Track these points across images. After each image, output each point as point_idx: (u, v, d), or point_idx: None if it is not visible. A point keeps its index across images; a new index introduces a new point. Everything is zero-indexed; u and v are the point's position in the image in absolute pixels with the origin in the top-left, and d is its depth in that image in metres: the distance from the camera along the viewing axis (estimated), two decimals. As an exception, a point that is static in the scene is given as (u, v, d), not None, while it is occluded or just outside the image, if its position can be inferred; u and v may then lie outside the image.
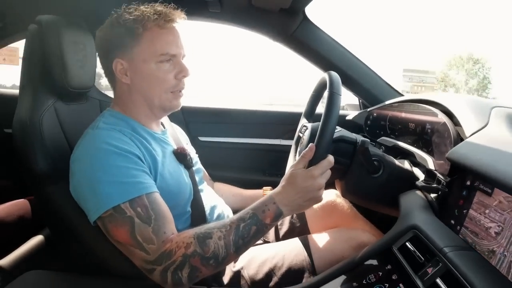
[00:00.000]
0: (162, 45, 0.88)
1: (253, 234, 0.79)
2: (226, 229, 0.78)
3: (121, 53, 0.89)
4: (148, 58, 0.88)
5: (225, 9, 1.35)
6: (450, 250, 0.66)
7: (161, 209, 0.80)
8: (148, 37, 0.88)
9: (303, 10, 1.35)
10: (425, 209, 0.82)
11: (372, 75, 1.48)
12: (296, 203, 0.81)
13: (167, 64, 0.90)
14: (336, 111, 0.82)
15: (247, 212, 0.80)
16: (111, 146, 0.81)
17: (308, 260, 0.96)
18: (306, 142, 0.98)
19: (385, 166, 0.96)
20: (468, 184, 0.73)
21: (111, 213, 0.76)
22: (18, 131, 0.91)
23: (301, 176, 0.81)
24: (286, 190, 0.82)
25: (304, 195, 0.81)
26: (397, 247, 0.76)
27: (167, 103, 0.93)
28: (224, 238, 0.77)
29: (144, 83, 0.90)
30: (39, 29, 0.97)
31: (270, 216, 0.80)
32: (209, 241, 0.76)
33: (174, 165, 0.97)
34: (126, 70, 0.90)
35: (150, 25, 0.87)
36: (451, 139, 0.84)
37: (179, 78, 0.92)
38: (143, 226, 0.76)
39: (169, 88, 0.91)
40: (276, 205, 0.80)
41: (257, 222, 0.79)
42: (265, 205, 0.81)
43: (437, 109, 0.99)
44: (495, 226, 0.64)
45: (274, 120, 1.75)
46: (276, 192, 0.83)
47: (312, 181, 0.80)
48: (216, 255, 0.76)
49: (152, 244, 0.75)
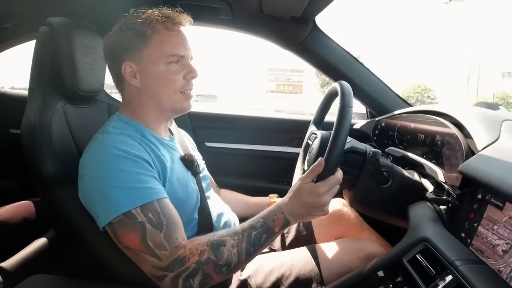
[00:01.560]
0: (171, 46, 0.90)
1: (263, 242, 0.81)
2: (239, 237, 0.79)
3: (130, 56, 0.90)
4: (158, 59, 0.89)
5: (236, 16, 1.36)
6: (462, 264, 0.65)
7: (172, 215, 0.80)
8: (157, 39, 0.89)
9: (313, 19, 1.36)
10: (435, 222, 0.82)
11: (380, 85, 1.48)
12: (301, 215, 0.84)
13: (176, 65, 0.91)
14: (347, 124, 0.82)
15: (257, 221, 0.82)
16: (121, 151, 0.81)
17: (316, 270, 0.96)
18: (316, 151, 0.97)
19: (394, 177, 0.96)
20: (479, 197, 0.72)
21: (121, 218, 0.76)
22: (27, 133, 0.91)
23: (307, 192, 0.82)
24: (292, 202, 0.83)
25: (309, 209, 0.83)
26: (407, 259, 0.75)
27: (177, 104, 0.93)
28: (237, 246, 0.78)
29: (154, 85, 0.91)
30: (50, 31, 0.97)
31: (279, 225, 0.82)
32: (223, 249, 0.76)
33: (181, 171, 0.96)
34: (135, 72, 0.90)
35: (158, 28, 0.89)
36: (463, 152, 0.83)
37: (187, 79, 0.93)
38: (155, 232, 0.75)
39: (178, 88, 0.92)
40: (284, 215, 0.83)
41: (267, 231, 0.81)
42: (274, 214, 0.83)
43: (447, 121, 0.98)
44: (503, 244, 0.64)
45: (281, 127, 1.75)
46: (284, 202, 0.84)
47: (317, 198, 0.81)
48: (229, 263, 0.76)
49: (164, 250, 0.75)
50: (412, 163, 1.11)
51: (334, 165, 0.82)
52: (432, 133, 1.02)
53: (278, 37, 1.44)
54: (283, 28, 1.37)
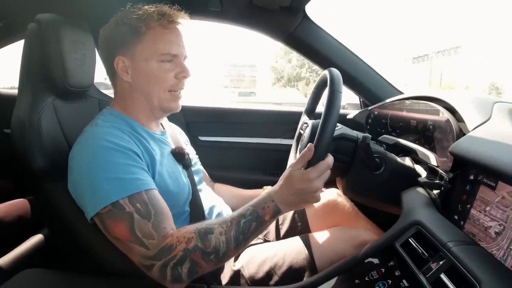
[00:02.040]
0: (164, 44, 0.89)
1: (253, 230, 0.80)
2: (227, 225, 0.78)
3: (123, 51, 0.90)
4: (150, 56, 0.88)
5: (225, 8, 1.34)
6: (454, 245, 0.65)
7: (160, 205, 0.80)
8: (150, 36, 0.88)
9: (303, 9, 1.35)
10: (428, 205, 0.81)
11: (373, 74, 1.48)
12: (292, 202, 0.82)
13: (168, 64, 0.90)
14: (337, 109, 0.81)
15: (247, 209, 0.81)
16: (110, 143, 0.80)
17: (309, 258, 0.95)
18: (307, 140, 0.97)
19: (387, 163, 0.95)
20: (472, 178, 0.72)
21: (109, 209, 0.75)
22: (17, 129, 0.91)
23: (297, 178, 0.80)
24: (283, 189, 0.82)
25: (300, 196, 0.81)
26: (399, 244, 0.75)
27: (165, 103, 0.93)
28: (225, 233, 0.77)
29: (144, 82, 0.90)
30: (39, 28, 0.96)
31: (269, 213, 0.81)
32: (211, 236, 0.76)
33: (172, 165, 0.96)
34: (127, 68, 0.90)
35: (153, 25, 0.88)
36: (454, 135, 0.83)
37: (179, 78, 0.92)
38: (142, 222, 0.75)
39: (167, 87, 0.91)
40: (274, 203, 0.81)
41: (257, 218, 0.80)
42: (264, 202, 0.81)
43: (439, 106, 0.98)
44: (496, 226, 0.64)
45: (274, 119, 1.74)
46: (274, 190, 0.83)
47: (308, 184, 0.79)
48: (217, 250, 0.75)
49: (152, 239, 0.75)
50: (405, 150, 1.11)
51: (324, 150, 0.81)
52: (424, 119, 1.01)
53: (268, 28, 1.43)
54: (273, 19, 1.36)
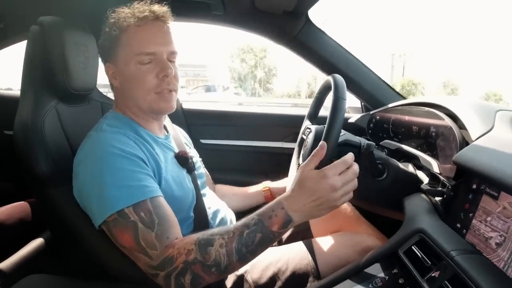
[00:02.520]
0: (138, 43, 0.85)
1: (258, 242, 0.74)
2: (229, 236, 0.73)
3: (110, 58, 0.91)
4: (128, 59, 0.86)
5: (228, 11, 1.35)
6: (457, 254, 0.65)
7: (165, 213, 0.79)
8: (125, 38, 0.86)
9: (306, 13, 1.35)
10: (431, 213, 0.82)
11: (375, 78, 1.48)
12: (307, 208, 0.74)
13: (148, 65, 0.86)
14: (341, 116, 0.82)
15: (252, 218, 0.75)
16: (117, 149, 0.80)
17: (313, 264, 0.96)
18: (310, 145, 0.97)
19: (389, 169, 0.96)
20: (474, 187, 0.72)
21: (115, 217, 0.76)
22: (20, 133, 0.91)
23: (313, 178, 0.73)
24: (296, 193, 0.74)
25: (318, 198, 0.73)
26: (403, 251, 0.75)
27: (154, 105, 0.90)
28: (226, 245, 0.73)
29: (128, 86, 0.90)
30: (41, 30, 0.96)
31: (278, 223, 0.74)
32: (210, 249, 0.72)
33: (176, 170, 0.96)
34: (115, 74, 0.91)
35: (125, 25, 0.85)
36: (457, 143, 0.83)
37: (160, 78, 0.87)
38: (146, 231, 0.75)
39: (150, 89, 0.87)
40: (285, 211, 0.74)
41: (263, 229, 0.73)
42: (272, 211, 0.74)
43: (441, 112, 0.98)
44: (497, 236, 0.64)
45: (276, 122, 1.74)
46: (285, 196, 0.76)
47: (324, 181, 0.72)
48: (217, 263, 0.72)
49: (154, 249, 0.74)
50: (407, 156, 1.11)
51: (329, 156, 0.81)
52: (427, 125, 1.02)
53: (271, 32, 1.43)
54: (276, 23, 1.36)
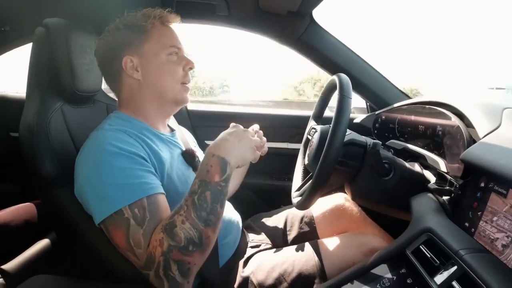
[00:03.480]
0: (170, 38, 0.95)
1: (211, 200, 0.74)
2: (184, 210, 0.73)
3: (130, 51, 0.91)
4: (159, 51, 0.92)
5: (232, 12, 1.35)
6: (466, 253, 0.64)
7: (158, 210, 0.77)
8: (156, 33, 0.93)
9: (310, 13, 1.35)
10: (438, 212, 0.81)
11: (380, 78, 1.47)
12: (234, 147, 0.80)
13: (175, 56, 0.95)
14: (347, 114, 0.82)
15: (194, 183, 0.76)
16: (115, 147, 0.79)
17: (319, 265, 0.95)
18: (316, 145, 0.97)
19: (395, 168, 0.95)
20: (482, 185, 0.72)
21: (111, 215, 0.75)
22: (25, 134, 0.91)
23: (238, 128, 0.85)
24: (222, 138, 0.81)
25: (240, 139, 0.82)
26: (410, 251, 0.74)
27: (178, 95, 0.96)
28: (187, 219, 0.72)
29: (156, 76, 0.93)
30: (47, 32, 0.97)
31: (216, 172, 0.75)
32: (176, 230, 0.71)
33: (182, 167, 0.96)
34: (136, 66, 0.92)
35: (156, 23, 0.93)
36: (464, 141, 0.82)
37: (186, 70, 0.96)
38: (136, 229, 0.73)
39: (179, 79, 0.95)
40: (217, 156, 0.77)
41: (208, 186, 0.74)
42: (206, 164, 0.77)
43: (448, 111, 0.97)
44: (503, 237, 0.63)
45: (281, 123, 1.74)
46: (212, 145, 0.80)
47: (248, 133, 0.85)
48: (190, 240, 0.71)
49: (140, 248, 0.73)
50: (413, 155, 1.10)
51: (336, 153, 0.81)
52: (433, 124, 1.01)
53: (275, 33, 1.43)
54: (280, 23, 1.36)
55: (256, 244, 1.11)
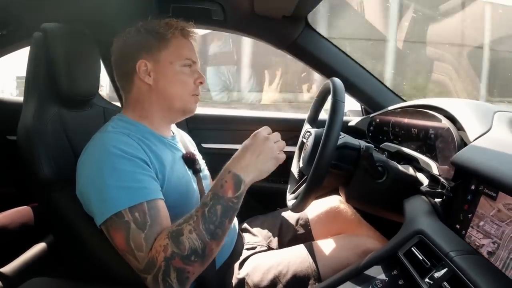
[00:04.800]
0: (187, 51, 0.97)
1: (221, 214, 0.75)
2: (194, 220, 0.74)
3: (146, 55, 0.93)
4: (174, 60, 0.94)
5: (228, 17, 1.36)
6: (456, 255, 0.65)
7: (159, 216, 0.78)
8: (175, 43, 0.95)
9: (305, 18, 1.36)
10: (430, 214, 0.82)
11: (374, 81, 1.49)
12: (253, 163, 0.80)
13: (189, 69, 0.97)
14: (340, 118, 0.83)
15: (207, 195, 0.78)
16: (118, 149, 0.81)
17: (313, 267, 0.96)
18: (310, 149, 0.98)
19: (389, 171, 0.96)
20: (473, 188, 0.73)
21: (112, 217, 0.76)
22: (23, 138, 0.91)
23: (248, 140, 0.83)
24: (240, 154, 0.81)
25: (260, 153, 0.81)
26: (402, 252, 0.75)
27: (188, 105, 0.98)
28: (195, 229, 0.73)
29: (168, 84, 0.94)
30: (44, 37, 0.97)
31: (230, 188, 0.77)
32: (182, 238, 0.72)
33: (182, 170, 0.97)
34: (149, 71, 0.93)
35: (177, 34, 0.95)
36: (455, 144, 0.84)
37: (197, 84, 0.98)
38: (137, 232, 0.75)
39: (190, 90, 0.97)
40: (232, 173, 0.78)
41: (220, 200, 0.76)
42: (221, 179, 0.78)
43: (440, 114, 0.99)
44: (489, 244, 0.64)
45: (276, 126, 1.70)
46: (229, 161, 0.81)
47: (257, 137, 0.83)
48: (194, 250, 0.72)
49: (141, 251, 0.74)
50: (407, 158, 1.12)
51: (329, 157, 0.82)
52: (425, 127, 1.02)
53: (270, 37, 1.44)
54: (275, 28, 1.37)
55: (252, 246, 1.12)
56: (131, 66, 0.93)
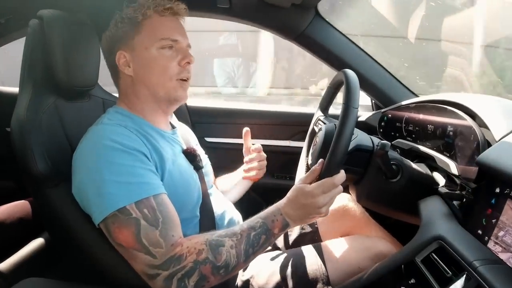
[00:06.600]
0: (163, 30, 0.87)
1: (262, 243, 0.78)
2: (237, 238, 0.76)
3: (123, 45, 0.88)
4: (149, 44, 0.86)
5: (234, 4, 1.30)
6: (481, 264, 0.61)
7: (169, 211, 0.76)
8: (148, 24, 0.87)
9: (315, 6, 1.30)
10: (449, 218, 0.77)
11: (387, 75, 1.42)
12: (298, 217, 0.80)
13: (169, 51, 0.88)
14: (351, 127, 0.77)
15: (257, 221, 0.80)
16: (116, 142, 0.77)
17: (323, 270, 0.92)
18: (319, 148, 0.93)
19: (403, 170, 0.91)
20: (498, 191, 0.68)
21: (115, 214, 0.72)
22: (17, 131, 0.87)
23: (302, 193, 0.79)
24: (289, 204, 0.81)
25: (306, 211, 0.79)
26: (420, 259, 0.70)
27: (172, 92, 0.89)
28: (236, 247, 0.75)
29: (146, 72, 0.88)
30: (41, 24, 0.93)
31: (278, 227, 0.80)
32: (222, 249, 0.74)
33: (183, 165, 0.93)
34: (129, 61, 0.88)
35: (149, 13, 0.87)
36: (478, 143, 0.78)
37: (182, 65, 0.89)
38: (150, 229, 0.72)
39: (173, 75, 0.88)
40: (283, 217, 0.80)
41: (267, 231, 0.79)
42: (273, 215, 0.80)
43: (460, 111, 0.93)
44: (509, 259, 0.60)
45: (283, 121, 1.69)
46: (282, 204, 0.82)
47: (311, 200, 0.78)
48: (227, 264, 0.74)
49: (159, 247, 0.72)
50: (421, 156, 1.06)
51: (333, 170, 0.78)
52: (443, 124, 0.97)
53: (278, 26, 1.38)
54: (284, 17, 1.31)
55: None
56: (112, 59, 0.89)
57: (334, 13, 1.76)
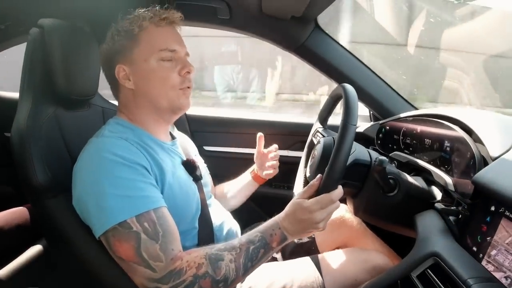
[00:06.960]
0: (160, 41, 0.87)
1: (260, 257, 0.79)
2: (237, 252, 0.77)
3: (122, 59, 0.87)
4: (148, 56, 0.86)
5: (234, 16, 1.31)
6: (475, 282, 0.61)
7: (169, 225, 0.77)
8: (145, 36, 0.86)
9: (315, 19, 1.31)
10: (445, 234, 0.78)
11: (385, 87, 1.43)
12: (296, 231, 0.81)
13: (169, 62, 0.87)
14: (348, 145, 0.78)
15: (255, 235, 0.80)
16: (117, 156, 0.77)
17: (319, 281, 0.93)
18: (317, 161, 0.93)
19: (401, 185, 0.91)
20: (493, 209, 0.68)
21: (115, 227, 0.72)
22: (16, 140, 0.87)
23: (300, 208, 0.79)
24: (288, 218, 0.81)
25: (303, 226, 0.80)
26: (416, 275, 0.71)
27: (175, 100, 0.89)
28: (235, 261, 0.75)
29: (147, 84, 0.87)
30: (41, 33, 0.93)
31: (276, 240, 0.80)
32: (221, 263, 0.74)
33: (183, 177, 0.93)
34: (128, 75, 0.87)
35: (146, 24, 0.86)
36: (475, 160, 0.79)
37: (183, 75, 0.89)
38: (150, 243, 0.72)
39: (175, 85, 0.88)
40: (281, 231, 0.81)
41: (265, 246, 0.79)
42: (272, 229, 0.81)
43: (456, 126, 0.94)
44: (501, 278, 0.60)
45: (281, 130, 1.70)
46: (280, 218, 0.82)
47: (309, 215, 0.78)
48: (226, 278, 0.74)
49: (159, 261, 0.72)
50: (418, 169, 1.07)
51: (331, 187, 0.79)
52: (441, 138, 0.97)
53: (278, 38, 1.39)
54: (284, 29, 1.32)
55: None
56: (112, 74, 0.89)
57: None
